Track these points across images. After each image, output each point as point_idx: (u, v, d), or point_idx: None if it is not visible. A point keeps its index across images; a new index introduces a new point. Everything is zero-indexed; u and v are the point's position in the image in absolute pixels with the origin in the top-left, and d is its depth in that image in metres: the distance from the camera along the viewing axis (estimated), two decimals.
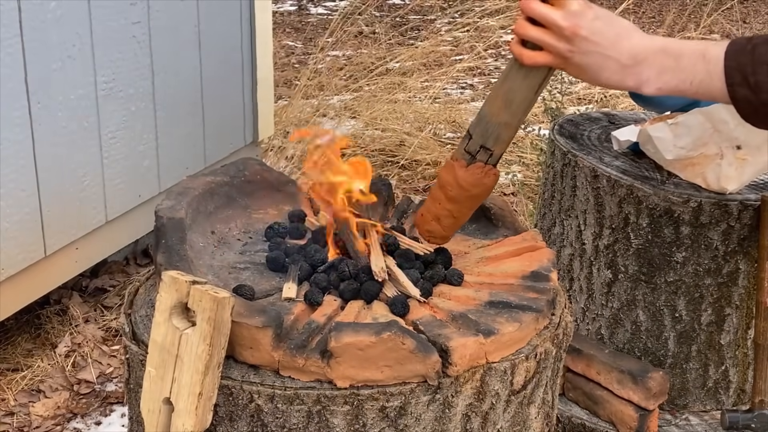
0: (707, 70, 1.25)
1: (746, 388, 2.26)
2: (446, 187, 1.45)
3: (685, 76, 1.27)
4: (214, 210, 1.63)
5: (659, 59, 1.27)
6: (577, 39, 1.28)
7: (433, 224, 1.49)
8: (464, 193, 1.44)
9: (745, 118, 1.27)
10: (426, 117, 4.90)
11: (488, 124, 1.40)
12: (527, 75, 1.36)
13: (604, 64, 1.29)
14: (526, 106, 1.39)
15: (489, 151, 1.41)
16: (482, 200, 1.49)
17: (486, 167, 1.42)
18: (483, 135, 1.41)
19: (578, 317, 2.33)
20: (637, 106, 3.45)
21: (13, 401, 2.64)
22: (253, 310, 1.29)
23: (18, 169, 2.53)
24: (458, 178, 1.43)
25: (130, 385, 1.44)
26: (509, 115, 1.39)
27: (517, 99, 1.38)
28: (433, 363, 1.26)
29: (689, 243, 2.11)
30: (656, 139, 2.14)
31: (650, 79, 1.28)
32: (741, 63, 1.23)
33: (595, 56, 1.29)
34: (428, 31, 6.98)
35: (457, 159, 1.43)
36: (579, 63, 1.30)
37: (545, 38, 1.30)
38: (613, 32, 1.29)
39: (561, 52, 1.30)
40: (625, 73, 1.29)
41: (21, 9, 2.45)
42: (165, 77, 3.04)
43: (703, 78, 1.26)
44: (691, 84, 1.27)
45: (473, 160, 1.42)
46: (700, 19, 6.83)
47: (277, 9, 7.95)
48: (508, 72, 1.38)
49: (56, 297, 3.05)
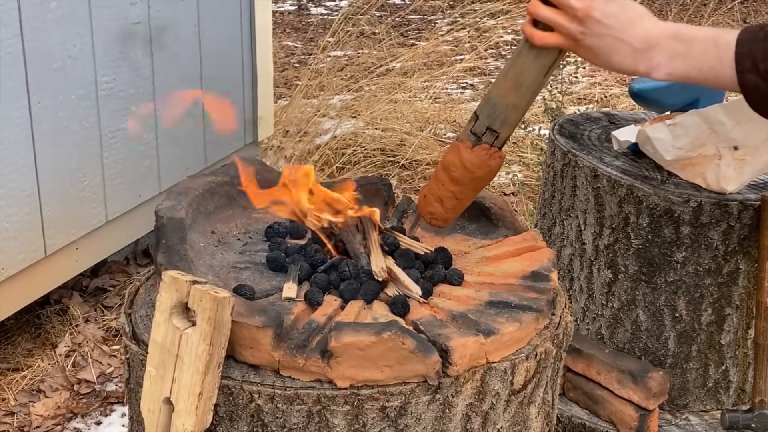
0: (718, 56, 1.25)
1: (746, 388, 2.26)
2: (450, 168, 1.44)
3: (695, 62, 1.26)
4: (214, 210, 1.63)
5: (671, 44, 1.27)
6: (590, 21, 1.28)
7: (436, 206, 1.48)
8: (468, 175, 1.44)
9: (753, 106, 1.27)
10: (426, 117, 4.90)
11: (496, 105, 1.39)
12: (538, 56, 1.35)
13: (616, 47, 1.29)
14: (534, 89, 1.38)
15: (495, 133, 1.40)
16: (486, 183, 1.48)
17: (491, 149, 1.42)
18: (490, 116, 1.40)
19: (578, 317, 2.33)
20: (637, 106, 3.45)
21: (14, 401, 2.64)
22: (253, 310, 1.29)
23: (18, 169, 2.53)
24: (463, 160, 1.42)
25: (130, 384, 1.44)
26: (518, 97, 1.38)
27: (526, 81, 1.37)
28: (434, 363, 1.26)
29: (689, 243, 2.11)
30: (655, 139, 2.14)
31: (661, 64, 1.28)
32: (752, 50, 1.23)
33: (607, 39, 1.28)
34: (429, 31, 6.98)
35: (463, 140, 1.43)
36: (590, 45, 1.30)
37: (557, 19, 1.30)
38: (626, 16, 1.28)
39: (573, 33, 1.29)
40: (637, 57, 1.29)
41: (21, 9, 2.45)
42: (165, 77, 3.04)
43: (714, 64, 1.25)
44: (701, 70, 1.26)
45: (479, 141, 1.42)
46: (701, 20, 6.83)
47: (277, 9, 7.95)
48: (519, 53, 1.37)
49: (56, 297, 3.05)
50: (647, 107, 2.36)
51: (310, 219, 1.48)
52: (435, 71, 5.72)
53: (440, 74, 5.62)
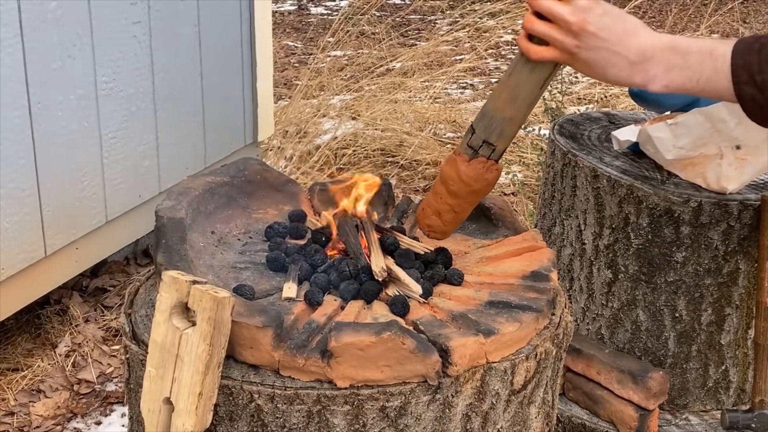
0: (714, 68, 1.25)
1: (746, 388, 2.26)
2: (448, 182, 1.45)
3: (692, 73, 1.27)
4: (214, 210, 1.63)
5: (667, 56, 1.27)
6: (585, 34, 1.28)
7: (434, 219, 1.49)
8: (466, 188, 1.44)
9: (751, 116, 1.28)
10: (426, 117, 4.90)
11: (492, 119, 1.40)
12: (533, 70, 1.35)
13: (612, 60, 1.29)
14: (530, 102, 1.39)
15: (492, 146, 1.41)
16: (483, 196, 1.49)
17: (488, 162, 1.42)
18: (486, 130, 1.41)
19: (578, 317, 2.33)
20: (637, 106, 3.45)
21: (14, 401, 2.64)
22: (253, 310, 1.29)
23: (18, 169, 2.53)
24: (460, 173, 1.43)
25: (130, 384, 1.44)
26: (514, 110, 1.39)
27: (522, 94, 1.37)
28: (433, 363, 1.26)
29: (689, 243, 2.11)
30: (656, 139, 2.14)
31: (657, 76, 1.28)
32: (748, 61, 1.23)
33: (602, 52, 1.28)
34: (429, 31, 6.98)
35: (460, 153, 1.43)
36: (586, 59, 1.30)
37: (552, 33, 1.30)
38: (621, 28, 1.28)
39: (568, 47, 1.30)
40: (633, 69, 1.29)
41: (21, 9, 2.45)
42: (165, 77, 3.04)
43: (711, 76, 1.26)
44: (698, 82, 1.27)
45: (476, 155, 1.42)
46: (701, 20, 6.83)
47: (277, 9, 7.95)
48: (514, 67, 1.37)
49: (56, 297, 3.05)
50: (647, 107, 2.36)
51: (311, 219, 1.49)
52: (435, 71, 5.72)
53: (440, 74, 5.62)
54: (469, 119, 4.94)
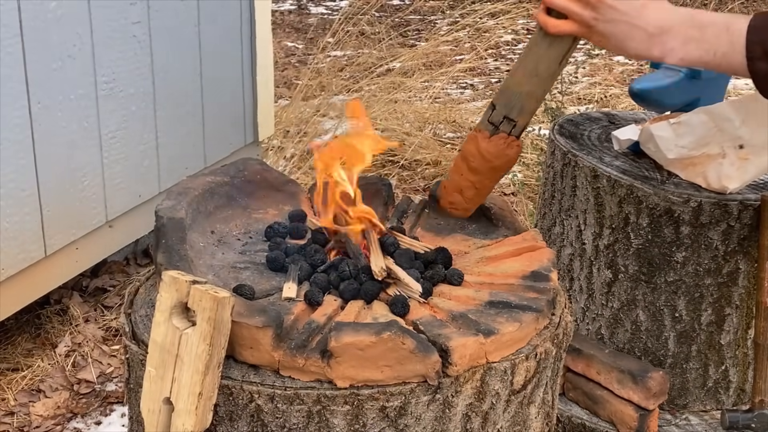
0: (730, 42, 1.26)
1: (746, 388, 2.26)
2: (469, 159, 1.45)
3: (708, 47, 1.27)
4: (214, 210, 1.63)
5: (684, 29, 1.28)
6: (603, 7, 1.28)
7: (456, 196, 1.49)
8: (486, 165, 1.44)
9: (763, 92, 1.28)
10: (426, 117, 4.90)
11: (512, 94, 1.40)
12: (552, 44, 1.36)
13: (630, 33, 1.29)
14: (550, 76, 1.39)
15: (512, 121, 1.41)
16: (504, 172, 1.49)
17: (509, 138, 1.42)
18: (506, 105, 1.41)
19: (578, 317, 2.33)
20: (637, 106, 3.45)
21: (13, 401, 2.64)
22: (253, 310, 1.29)
23: (18, 169, 2.53)
24: (481, 149, 1.43)
25: (130, 384, 1.44)
26: (534, 85, 1.39)
27: (541, 69, 1.38)
28: (433, 363, 1.26)
29: (689, 243, 2.11)
30: (658, 137, 2.13)
31: (675, 48, 1.28)
32: (763, 38, 1.23)
33: (620, 25, 1.29)
34: (429, 31, 6.98)
35: (481, 130, 1.44)
36: (604, 31, 1.30)
37: (571, 6, 1.30)
38: (639, 1, 1.29)
39: (586, 20, 1.30)
40: (651, 42, 1.29)
41: (21, 9, 2.45)
42: (165, 77, 3.04)
43: (726, 50, 1.26)
44: (714, 55, 1.27)
45: (496, 131, 1.42)
46: None
47: (277, 9, 7.95)
48: (533, 42, 1.38)
49: (56, 297, 3.05)
50: (647, 107, 2.36)
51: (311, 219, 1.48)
52: (435, 71, 5.72)
53: (440, 74, 5.62)
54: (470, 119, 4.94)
